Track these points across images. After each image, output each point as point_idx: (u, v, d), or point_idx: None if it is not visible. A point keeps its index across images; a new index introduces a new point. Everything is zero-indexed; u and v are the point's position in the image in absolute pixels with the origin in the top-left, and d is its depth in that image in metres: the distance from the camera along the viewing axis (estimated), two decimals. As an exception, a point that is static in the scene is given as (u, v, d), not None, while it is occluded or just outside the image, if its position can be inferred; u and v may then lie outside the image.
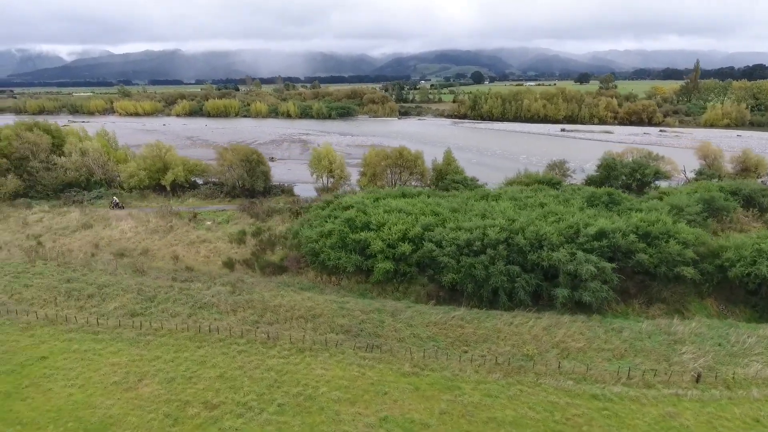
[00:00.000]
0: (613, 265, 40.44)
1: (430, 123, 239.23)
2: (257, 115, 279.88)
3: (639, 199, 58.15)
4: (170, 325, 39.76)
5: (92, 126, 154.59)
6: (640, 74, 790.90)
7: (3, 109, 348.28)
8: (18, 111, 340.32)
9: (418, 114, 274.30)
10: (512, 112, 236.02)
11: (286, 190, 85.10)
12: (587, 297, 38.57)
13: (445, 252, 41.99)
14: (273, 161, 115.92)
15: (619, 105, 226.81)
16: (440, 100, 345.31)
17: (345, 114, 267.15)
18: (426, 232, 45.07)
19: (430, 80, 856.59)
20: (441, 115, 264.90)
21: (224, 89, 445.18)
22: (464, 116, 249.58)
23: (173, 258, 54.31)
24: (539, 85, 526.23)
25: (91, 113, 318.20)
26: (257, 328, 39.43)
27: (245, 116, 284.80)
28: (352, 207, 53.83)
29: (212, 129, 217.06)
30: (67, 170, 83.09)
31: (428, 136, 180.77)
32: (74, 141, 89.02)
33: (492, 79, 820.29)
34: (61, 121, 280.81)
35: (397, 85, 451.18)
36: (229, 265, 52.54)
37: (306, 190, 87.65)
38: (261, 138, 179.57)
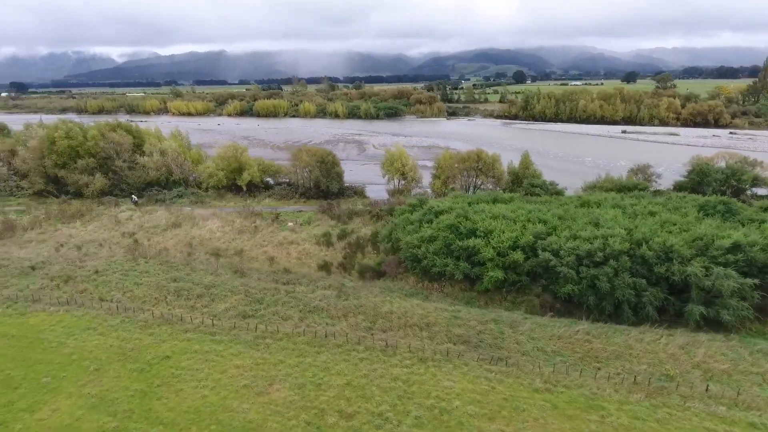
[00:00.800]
0: (755, 281, 37.62)
1: (480, 123, 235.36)
2: (305, 115, 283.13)
3: (752, 208, 54.37)
4: (285, 329, 39.71)
5: (149, 125, 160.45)
6: (691, 73, 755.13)
7: (66, 108, 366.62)
8: (79, 110, 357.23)
9: (466, 114, 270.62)
10: (566, 113, 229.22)
11: (358, 192, 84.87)
12: (727, 315, 36.01)
13: (564, 262, 40.21)
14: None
15: (682, 106, 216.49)
16: (486, 100, 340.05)
17: (392, 114, 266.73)
18: (538, 241, 43.38)
19: (469, 79, 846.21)
20: (490, 115, 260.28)
21: (270, 89, 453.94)
22: (515, 117, 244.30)
23: (269, 259, 54.65)
24: (586, 84, 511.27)
25: (146, 113, 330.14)
26: (372, 334, 38.84)
27: (293, 116, 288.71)
28: (447, 212, 52.67)
29: (265, 129, 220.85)
30: (148, 170, 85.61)
31: (482, 138, 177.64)
32: (154, 141, 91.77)
33: (534, 79, 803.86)
34: (120, 120, 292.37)
35: (442, 84, 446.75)
36: (325, 267, 52.38)
37: (375, 191, 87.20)
38: (315, 138, 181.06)
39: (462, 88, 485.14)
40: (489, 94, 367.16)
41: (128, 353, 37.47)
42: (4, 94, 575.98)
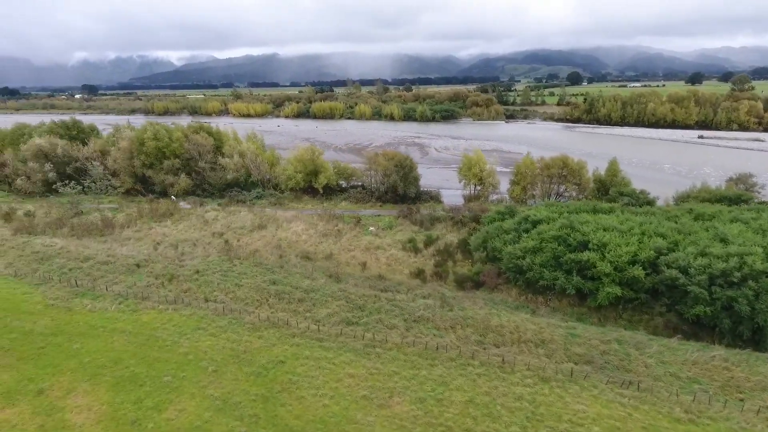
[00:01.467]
0: None
1: (541, 127, 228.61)
2: (360, 117, 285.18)
3: None
4: (393, 338, 39.00)
5: (218, 127, 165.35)
6: (762, 73, 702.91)
7: (135, 109, 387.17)
8: (146, 111, 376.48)
9: (525, 117, 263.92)
10: (633, 117, 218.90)
11: (434, 196, 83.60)
12: None
13: (695, 281, 37.30)
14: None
15: (765, 109, 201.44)
16: (543, 103, 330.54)
17: (448, 117, 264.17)
18: (660, 256, 40.59)
19: (519, 81, 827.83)
20: (550, 118, 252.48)
21: (323, 91, 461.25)
22: (577, 120, 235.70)
23: (360, 265, 54.35)
24: (645, 86, 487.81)
25: (208, 114, 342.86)
26: (484, 349, 37.46)
27: (349, 118, 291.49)
28: (547, 221, 50.48)
29: (324, 131, 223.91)
30: (229, 171, 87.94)
31: (546, 142, 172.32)
32: (233, 143, 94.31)
33: (589, 80, 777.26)
34: (184, 121, 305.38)
35: (496, 86, 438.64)
36: (419, 275, 51.46)
37: (447, 196, 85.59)
38: (375, 141, 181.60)
39: (515, 89, 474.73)
40: (546, 96, 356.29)
41: (241, 355, 37.90)
42: (78, 96, 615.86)
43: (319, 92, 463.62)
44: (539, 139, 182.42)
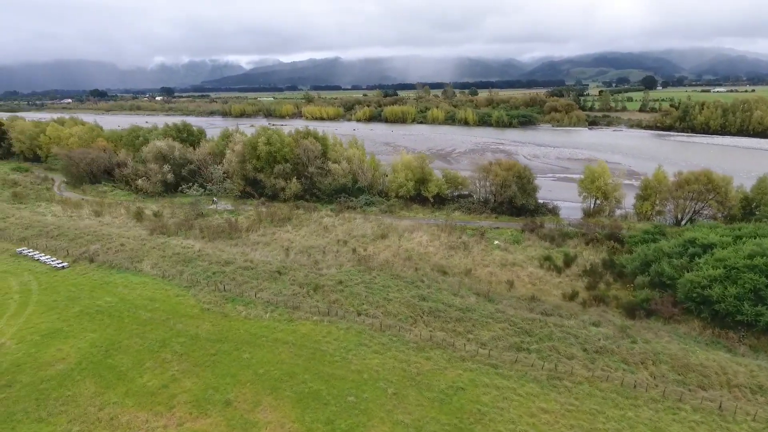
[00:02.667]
0: None
1: (629, 135, 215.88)
2: (433, 121, 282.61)
3: None
4: (577, 370, 36.05)
5: (289, 128, 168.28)
6: None
7: (213, 111, 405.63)
8: (224, 114, 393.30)
9: (608, 124, 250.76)
10: (736, 125, 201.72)
11: (551, 210, 79.48)
12: None
13: None
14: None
15: None
16: (624, 109, 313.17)
17: (526, 122, 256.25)
18: None
19: (587, 85, 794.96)
20: (637, 125, 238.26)
21: (388, 95, 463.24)
22: (669, 128, 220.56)
23: (507, 283, 51.70)
24: (731, 91, 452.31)
25: (282, 116, 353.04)
26: (689, 391, 33.68)
27: (421, 122, 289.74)
28: (721, 246, 45.57)
29: (401, 135, 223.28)
30: (338, 176, 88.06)
31: (640, 151, 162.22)
32: (339, 149, 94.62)
33: (664, 84, 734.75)
34: (259, 123, 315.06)
35: (570, 90, 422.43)
36: (572, 298, 48.10)
37: (564, 209, 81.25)
38: (457, 146, 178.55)
39: (587, 93, 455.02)
40: (627, 101, 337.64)
41: (415, 377, 36.36)
42: (159, 98, 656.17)
43: (387, 95, 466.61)
44: (632, 148, 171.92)
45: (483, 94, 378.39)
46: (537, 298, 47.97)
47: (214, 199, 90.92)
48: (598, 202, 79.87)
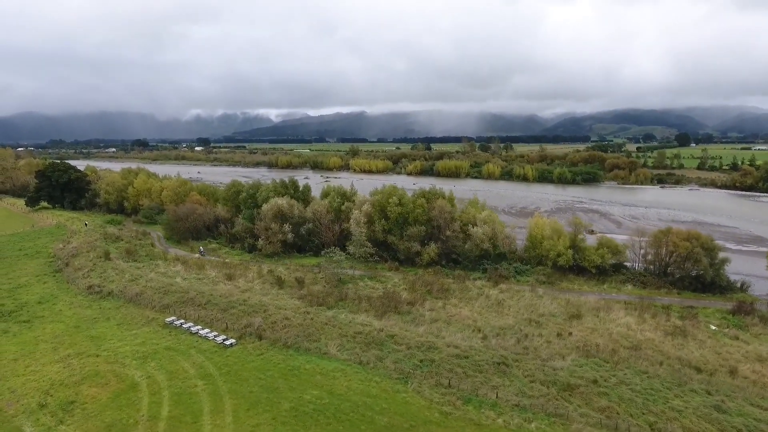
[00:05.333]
0: None
1: (707, 194, 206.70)
2: (489, 177, 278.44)
3: None
4: None
5: (343, 182, 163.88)
6: None
7: (259, 163, 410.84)
8: (270, 165, 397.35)
9: (677, 182, 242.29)
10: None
11: (741, 286, 70.46)
12: None
13: None
14: (593, 234, 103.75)
15: None
16: (682, 166, 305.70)
17: (590, 180, 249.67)
18: None
19: (611, 141, 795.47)
20: (711, 184, 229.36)
21: (419, 149, 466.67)
22: (750, 188, 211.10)
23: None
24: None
25: (329, 169, 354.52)
26: None
27: (475, 177, 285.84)
28: None
29: (464, 191, 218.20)
30: (482, 240, 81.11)
31: (739, 213, 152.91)
32: (472, 210, 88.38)
33: (697, 141, 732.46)
34: (304, 174, 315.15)
35: (610, 147, 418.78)
36: None
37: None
38: (541, 205, 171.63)
39: (626, 150, 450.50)
40: (685, 159, 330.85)
41: None
42: (198, 148, 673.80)
43: (413, 148, 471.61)
44: (725, 209, 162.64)
45: (544, 151, 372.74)
46: None
47: (201, 248, 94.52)
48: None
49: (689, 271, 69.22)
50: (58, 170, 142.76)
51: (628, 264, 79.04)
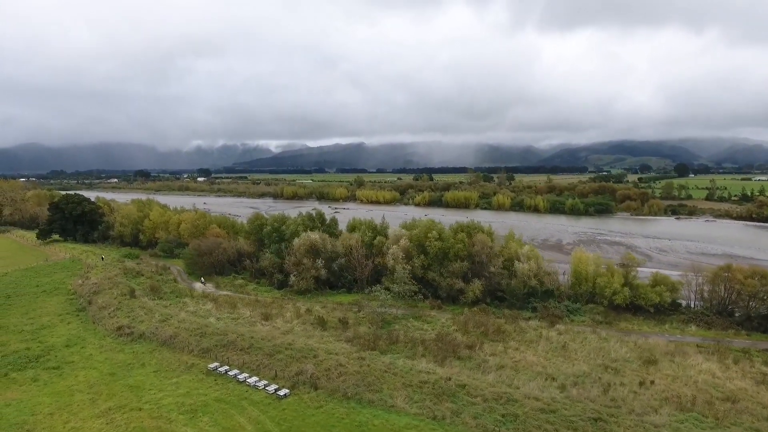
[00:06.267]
0: None
1: (725, 226, 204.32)
2: (499, 208, 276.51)
3: None
4: None
5: (352, 213, 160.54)
6: None
7: (264, 193, 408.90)
8: (275, 196, 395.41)
9: (690, 213, 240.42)
10: None
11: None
12: None
13: None
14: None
15: None
16: (690, 197, 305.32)
17: (602, 210, 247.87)
18: None
19: (609, 171, 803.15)
20: (726, 215, 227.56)
21: (420, 179, 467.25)
22: (767, 219, 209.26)
23: None
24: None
25: (335, 200, 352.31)
26: None
27: (485, 208, 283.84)
28: None
29: (482, 222, 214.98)
30: (528, 277, 77.41)
31: (762, 245, 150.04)
32: (513, 245, 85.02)
33: (694, 172, 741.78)
34: (314, 205, 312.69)
35: (625, 178, 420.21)
36: None
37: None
38: (562, 237, 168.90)
39: (627, 181, 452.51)
40: (692, 189, 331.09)
41: None
42: (201, 179, 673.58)
43: (417, 179, 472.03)
44: (749, 242, 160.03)
45: (552, 182, 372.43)
46: None
47: (202, 279, 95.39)
48: None
49: (756, 310, 65.42)
50: (71, 202, 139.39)
51: (682, 302, 75.23)
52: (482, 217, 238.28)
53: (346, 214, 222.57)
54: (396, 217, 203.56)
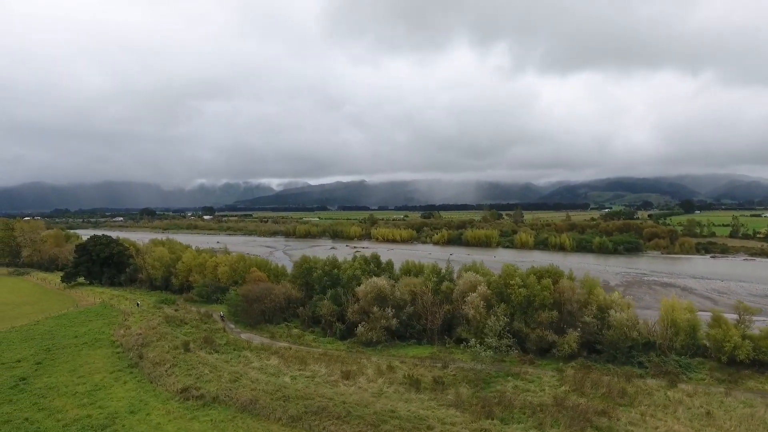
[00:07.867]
0: None
1: (763, 265, 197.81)
2: (522, 246, 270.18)
3: None
4: None
5: (377, 251, 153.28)
6: None
7: (276, 232, 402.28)
8: (287, 234, 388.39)
9: (722, 252, 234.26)
10: None
11: None
12: None
13: None
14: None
15: None
16: (713, 234, 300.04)
17: (631, 249, 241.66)
18: None
19: (611, 207, 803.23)
20: (762, 253, 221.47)
21: (427, 216, 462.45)
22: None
23: None
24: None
25: (350, 238, 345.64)
26: None
27: (507, 247, 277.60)
28: None
29: (507, 263, 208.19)
30: (622, 328, 70.20)
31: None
32: (600, 292, 78.23)
33: (699, 208, 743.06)
34: (328, 244, 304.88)
35: (636, 215, 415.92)
36: None
37: None
38: (609, 278, 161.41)
39: (638, 218, 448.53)
40: (716, 227, 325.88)
41: None
42: (207, 217, 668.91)
43: (424, 217, 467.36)
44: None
45: (572, 220, 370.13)
46: None
47: (221, 313, 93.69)
48: None
49: None
50: (99, 244, 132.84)
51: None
52: (508, 257, 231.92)
53: (368, 253, 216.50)
54: (420, 257, 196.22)
